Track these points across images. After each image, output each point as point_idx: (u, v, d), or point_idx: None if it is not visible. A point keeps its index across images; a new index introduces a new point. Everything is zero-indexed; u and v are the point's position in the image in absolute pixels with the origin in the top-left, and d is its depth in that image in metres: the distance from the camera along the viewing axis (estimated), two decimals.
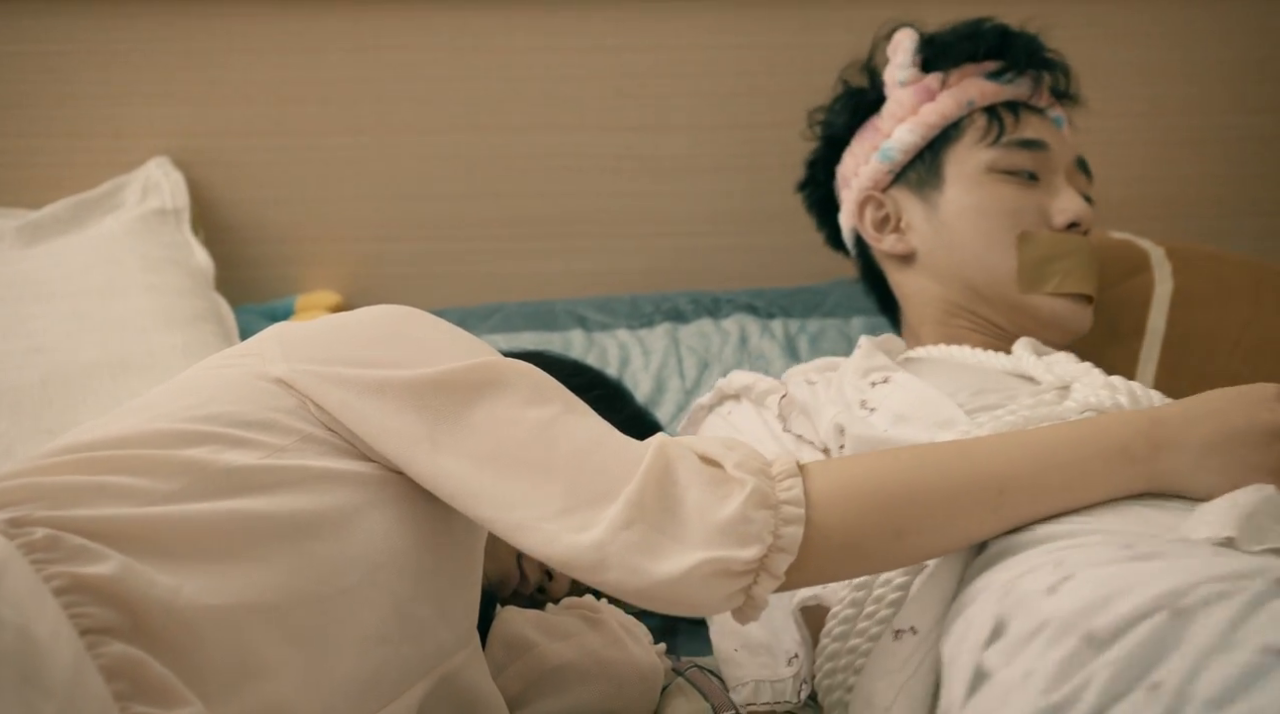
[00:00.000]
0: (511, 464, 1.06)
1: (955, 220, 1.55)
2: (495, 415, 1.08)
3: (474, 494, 1.06)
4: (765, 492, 1.01)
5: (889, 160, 1.60)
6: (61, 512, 1.00)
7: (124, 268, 1.79)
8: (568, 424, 1.07)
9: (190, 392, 1.18)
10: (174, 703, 0.97)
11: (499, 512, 1.05)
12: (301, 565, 1.08)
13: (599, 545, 1.00)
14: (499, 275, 2.08)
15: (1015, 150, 1.55)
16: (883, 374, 1.41)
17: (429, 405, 1.10)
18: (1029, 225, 1.52)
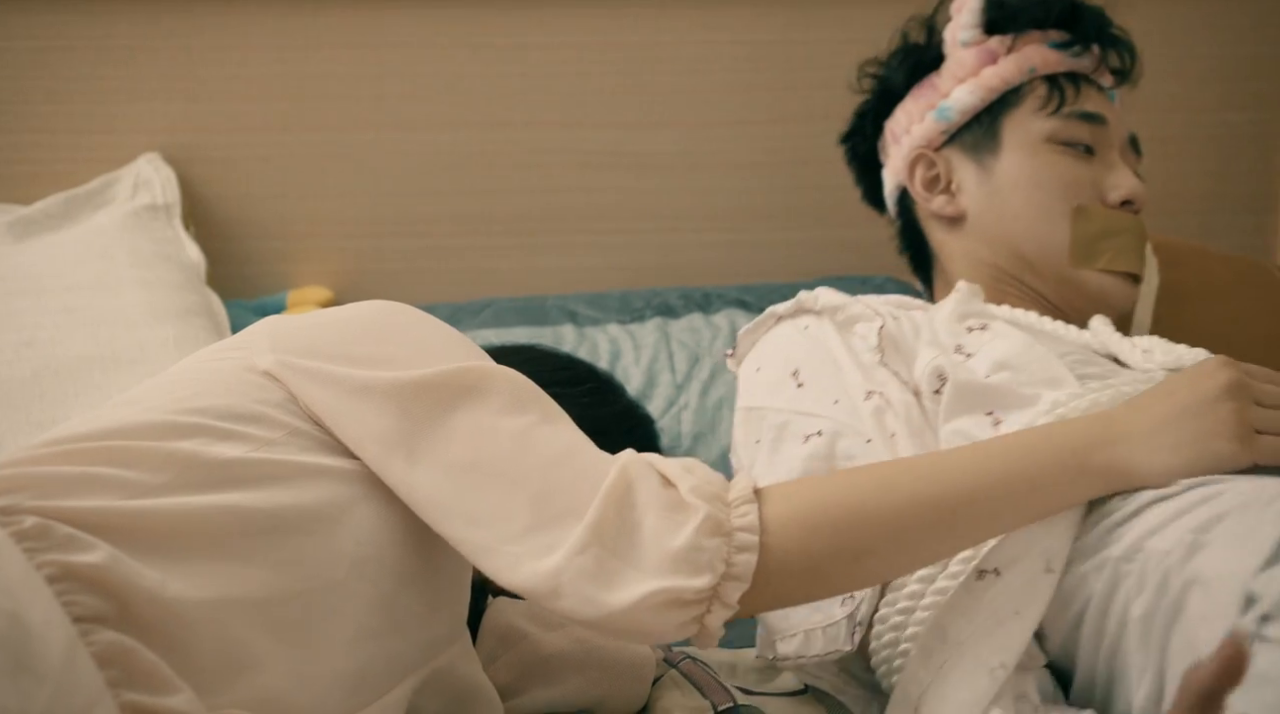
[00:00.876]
0: (482, 478, 1.06)
1: (1010, 187, 1.53)
2: (472, 423, 1.08)
3: (444, 509, 1.07)
4: (718, 519, 1.01)
5: (945, 120, 1.57)
6: (50, 502, 1.01)
7: (115, 263, 1.80)
8: (541, 435, 1.07)
9: (181, 384, 1.18)
10: (165, 690, 0.97)
11: (467, 530, 1.05)
12: (288, 561, 1.08)
13: (555, 573, 1.01)
14: (490, 271, 2.08)
15: (1075, 122, 1.52)
16: (980, 321, 1.39)
17: (409, 411, 1.10)
18: (1084, 199, 1.50)
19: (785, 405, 1.37)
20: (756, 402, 1.40)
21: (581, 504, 1.02)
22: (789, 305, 1.46)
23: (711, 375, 1.75)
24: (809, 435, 1.33)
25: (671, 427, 1.67)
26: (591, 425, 1.43)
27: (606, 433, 1.44)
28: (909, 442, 1.28)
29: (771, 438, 1.36)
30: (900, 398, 1.31)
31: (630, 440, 1.47)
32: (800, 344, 1.41)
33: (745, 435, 1.40)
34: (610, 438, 1.44)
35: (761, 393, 1.40)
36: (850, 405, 1.33)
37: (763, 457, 1.36)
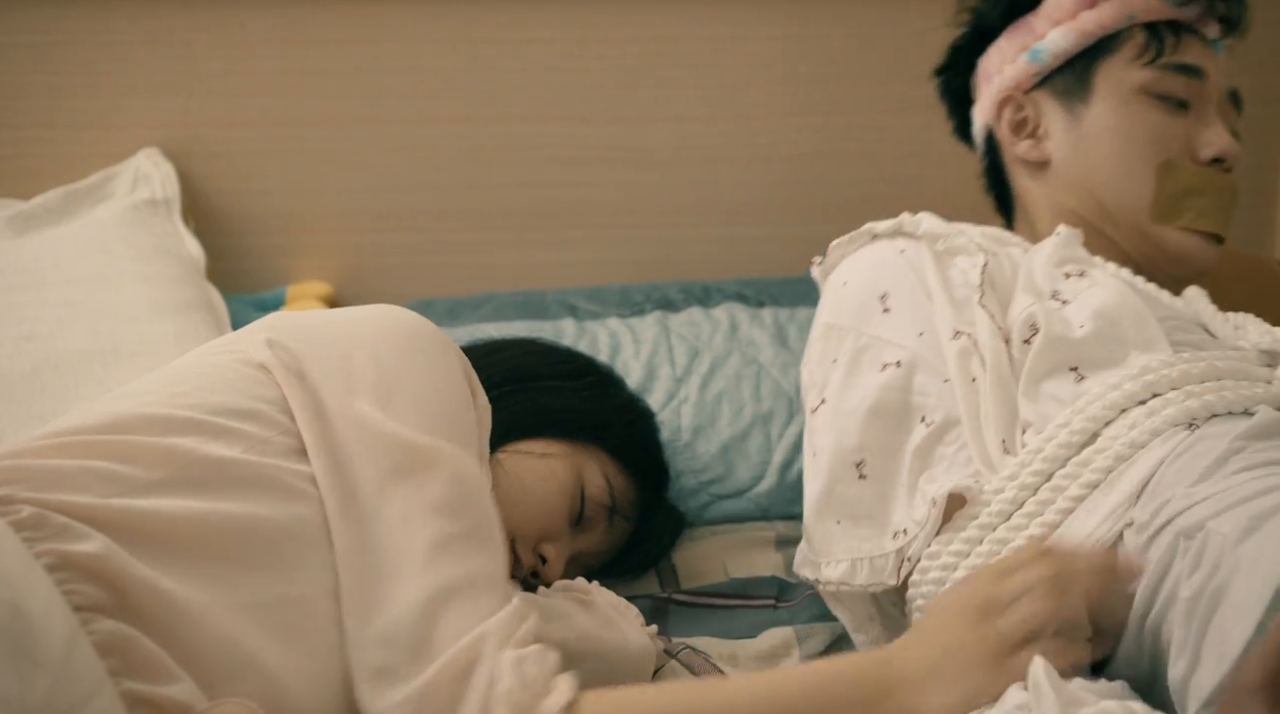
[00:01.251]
0: (386, 571, 1.08)
1: (1097, 137, 1.50)
2: (404, 510, 1.10)
3: (344, 581, 1.09)
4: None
5: (1038, 62, 1.53)
6: (44, 494, 1.01)
7: (115, 257, 1.79)
8: (455, 552, 1.09)
9: (180, 379, 1.18)
10: (166, 679, 0.97)
11: (349, 617, 1.08)
12: (284, 569, 1.09)
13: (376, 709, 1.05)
14: (489, 266, 2.08)
15: (1171, 75, 1.48)
16: (1079, 267, 1.37)
17: (364, 459, 1.12)
18: (1172, 154, 1.47)
19: (868, 328, 1.35)
20: (839, 320, 1.39)
21: (435, 650, 1.04)
22: (888, 224, 1.43)
23: (711, 369, 1.75)
24: (887, 364, 1.32)
25: (671, 420, 1.67)
26: (592, 418, 1.44)
27: (608, 426, 1.45)
28: (992, 391, 1.27)
29: (849, 360, 1.35)
30: (991, 344, 1.29)
31: (631, 433, 1.48)
32: (894, 267, 1.39)
33: (822, 351, 1.39)
34: (612, 431, 1.45)
35: (846, 311, 1.39)
36: (935, 341, 1.32)
37: (837, 378, 1.35)
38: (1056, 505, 1.20)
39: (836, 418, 1.33)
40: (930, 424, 1.29)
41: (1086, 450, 1.21)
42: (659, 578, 1.53)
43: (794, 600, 1.45)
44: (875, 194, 2.10)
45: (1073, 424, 1.23)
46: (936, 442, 1.28)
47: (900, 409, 1.31)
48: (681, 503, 1.60)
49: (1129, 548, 1.15)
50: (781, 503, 1.63)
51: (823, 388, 1.37)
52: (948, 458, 1.28)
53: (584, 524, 1.41)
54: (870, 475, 1.30)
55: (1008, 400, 1.27)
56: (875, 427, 1.31)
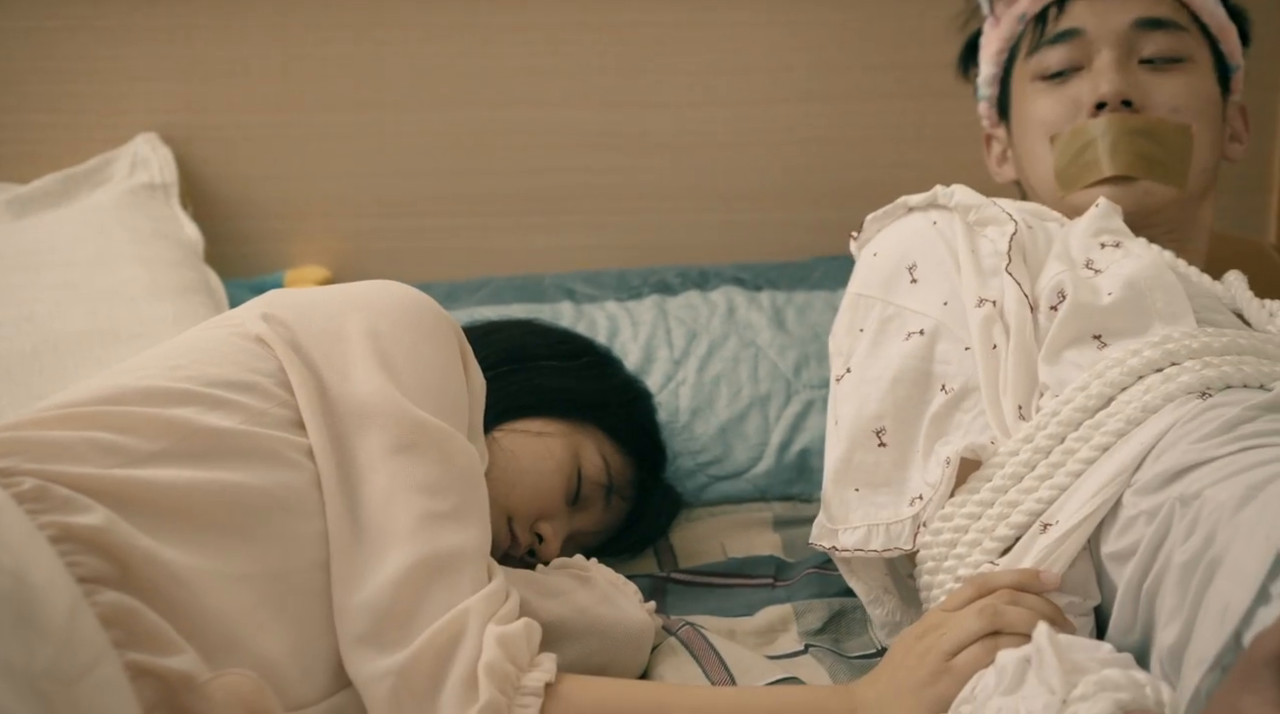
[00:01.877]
0: (371, 544, 1.11)
1: (1018, 143, 1.54)
2: (395, 483, 1.12)
3: (333, 551, 1.11)
4: (498, 706, 1.05)
5: (983, 99, 1.59)
6: (46, 465, 1.02)
7: (113, 240, 1.80)
8: (438, 529, 1.11)
9: (177, 353, 1.19)
10: (169, 650, 0.98)
11: (336, 585, 1.10)
12: (279, 538, 1.10)
13: (361, 684, 1.09)
14: (486, 251, 2.09)
15: (1046, 50, 1.49)
16: (1115, 238, 1.37)
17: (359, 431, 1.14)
18: (1063, 125, 1.47)
19: (895, 298, 1.36)
20: (867, 290, 1.39)
21: (418, 623, 1.07)
22: (923, 197, 1.44)
23: (709, 351, 1.75)
24: (911, 333, 1.33)
25: (669, 401, 1.68)
26: (590, 398, 1.45)
27: (606, 406, 1.46)
28: (1013, 357, 1.28)
29: (875, 330, 1.36)
30: (1016, 310, 1.30)
31: (629, 413, 1.48)
32: (924, 238, 1.39)
33: (850, 321, 1.40)
34: (610, 411, 1.46)
35: (874, 281, 1.40)
36: (959, 309, 1.33)
37: (863, 347, 1.36)
38: (1067, 468, 1.21)
39: (860, 386, 1.34)
40: (949, 392, 1.30)
41: (1100, 414, 1.22)
42: (657, 558, 1.54)
43: (792, 579, 1.46)
44: (872, 180, 2.10)
45: (1090, 388, 1.23)
46: (954, 409, 1.29)
47: (922, 377, 1.31)
48: (679, 484, 1.61)
49: (1126, 511, 1.16)
50: (779, 484, 1.64)
51: (848, 357, 1.38)
52: (964, 425, 1.28)
53: (581, 503, 1.41)
54: (890, 443, 1.31)
55: (1028, 367, 1.28)
56: (897, 395, 1.32)
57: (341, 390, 1.15)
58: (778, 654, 1.31)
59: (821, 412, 1.68)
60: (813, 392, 1.71)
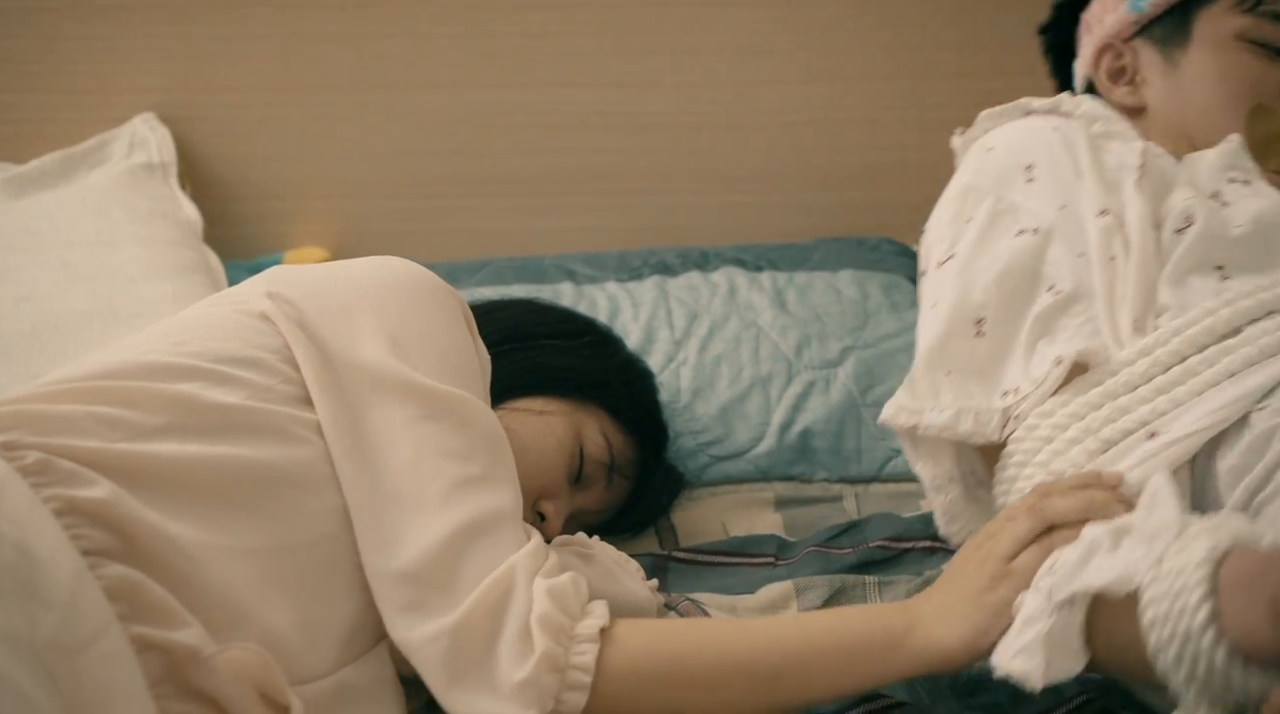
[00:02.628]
0: (403, 510, 1.10)
1: (1193, 83, 1.49)
2: (421, 451, 1.12)
3: (359, 520, 1.11)
4: (555, 656, 1.06)
5: (1137, 10, 1.53)
6: (50, 439, 1.02)
7: (112, 219, 1.80)
8: (471, 493, 1.11)
9: (180, 329, 1.19)
10: (175, 624, 0.98)
11: (368, 551, 1.10)
12: (284, 513, 1.10)
13: (413, 649, 1.08)
14: (486, 232, 2.09)
15: (1268, 22, 1.46)
16: (1245, 175, 1.36)
17: (372, 403, 1.13)
18: (1267, 99, 1.46)
19: (1008, 194, 1.34)
20: (980, 182, 1.38)
21: (462, 587, 1.07)
22: (1046, 101, 1.42)
23: (710, 332, 1.75)
24: (1023, 230, 1.31)
25: (670, 382, 1.67)
26: (592, 377, 1.45)
27: (607, 385, 1.45)
28: (1134, 272, 1.27)
29: (985, 222, 1.34)
30: (1139, 226, 1.28)
31: (630, 392, 1.48)
32: (1045, 139, 1.38)
33: (955, 212, 1.37)
34: (611, 390, 1.45)
35: (988, 174, 1.38)
36: (1076, 215, 1.31)
37: (971, 235, 1.34)
38: (1187, 386, 1.19)
39: (964, 273, 1.32)
40: (1058, 293, 1.28)
41: (1229, 341, 1.21)
42: (658, 537, 1.54)
43: (794, 557, 1.46)
44: (872, 162, 2.11)
45: (1220, 313, 1.22)
46: (1061, 312, 1.28)
47: (1030, 275, 1.29)
48: (680, 464, 1.61)
49: (1256, 428, 1.16)
50: (780, 464, 1.63)
51: (952, 243, 1.35)
52: (1071, 328, 1.27)
53: (583, 482, 1.41)
54: (988, 334, 1.29)
55: (1147, 283, 1.26)
56: (1003, 287, 1.30)
57: (351, 366, 1.14)
58: None
59: (823, 392, 1.68)
60: (814, 372, 1.71)
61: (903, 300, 1.83)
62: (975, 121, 1.44)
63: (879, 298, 1.82)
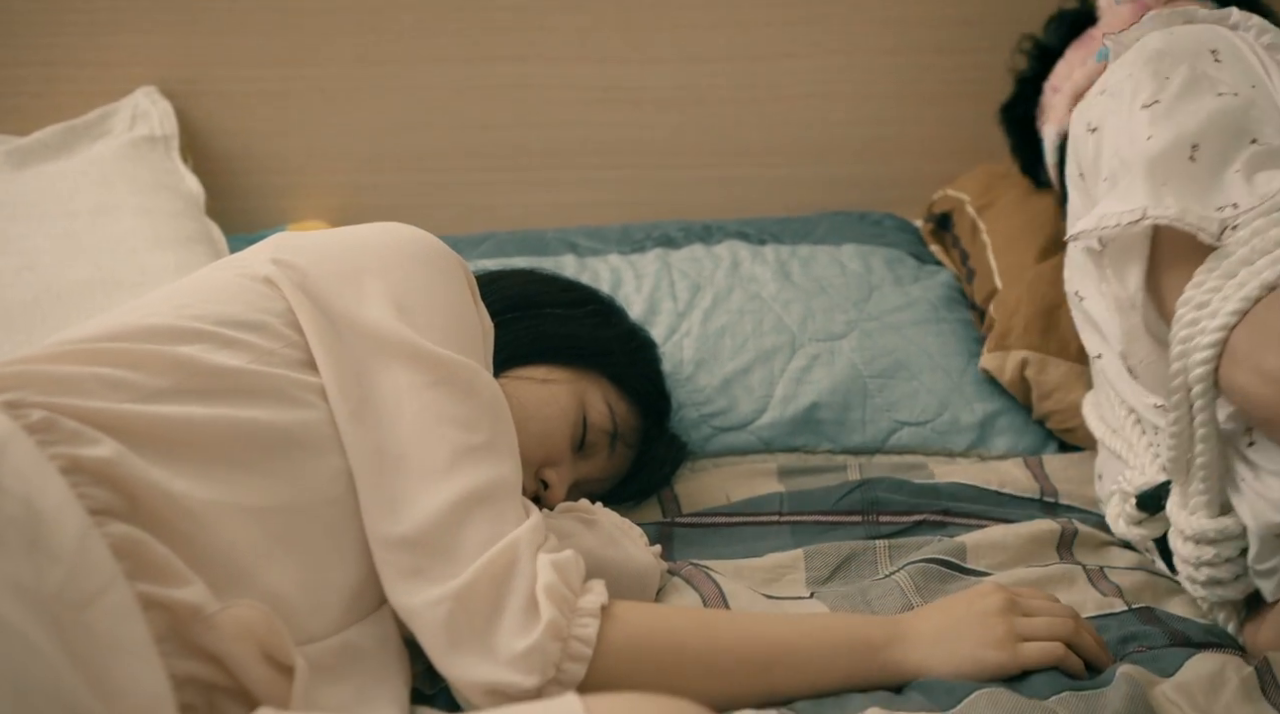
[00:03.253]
0: (406, 476, 1.11)
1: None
2: (425, 417, 1.12)
3: (363, 484, 1.12)
4: (559, 625, 1.07)
5: (1106, 60, 1.55)
6: (54, 399, 1.02)
7: (114, 191, 1.79)
8: (474, 462, 1.12)
9: (184, 293, 1.19)
10: (178, 582, 0.98)
11: (370, 515, 1.11)
12: (289, 475, 1.10)
13: (413, 613, 1.09)
14: (488, 206, 2.08)
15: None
16: None
17: (377, 367, 1.13)
18: None
19: (1200, 65, 1.34)
20: (1172, 49, 1.37)
21: (464, 555, 1.08)
22: (1212, 11, 1.44)
23: (713, 303, 1.75)
24: (1223, 93, 1.32)
25: (673, 353, 1.67)
26: (595, 345, 1.44)
27: (610, 353, 1.45)
28: None
29: (1185, 80, 1.33)
30: None
31: (634, 361, 1.48)
32: (1223, 35, 1.39)
33: (1153, 70, 1.35)
34: (615, 358, 1.45)
35: (1177, 46, 1.37)
36: (1268, 95, 1.33)
37: (1174, 88, 1.33)
38: None
39: (1173, 113, 1.32)
40: (1266, 145, 1.29)
41: None
42: (661, 507, 1.53)
43: (798, 513, 1.46)
44: (873, 136, 2.10)
45: None
46: (1272, 159, 1.28)
47: (1235, 129, 1.30)
48: (683, 435, 1.60)
49: None
50: (783, 436, 1.63)
51: (1156, 91, 1.34)
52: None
53: (586, 450, 1.41)
54: (1201, 160, 1.29)
55: None
56: (1214, 123, 1.30)
57: (355, 330, 1.15)
58: (782, 596, 1.31)
59: (827, 365, 1.68)
60: (818, 345, 1.70)
61: (906, 274, 1.83)
62: (1128, 30, 1.45)
63: (882, 271, 1.82)
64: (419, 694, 1.16)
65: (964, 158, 2.02)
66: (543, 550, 1.11)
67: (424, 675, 1.18)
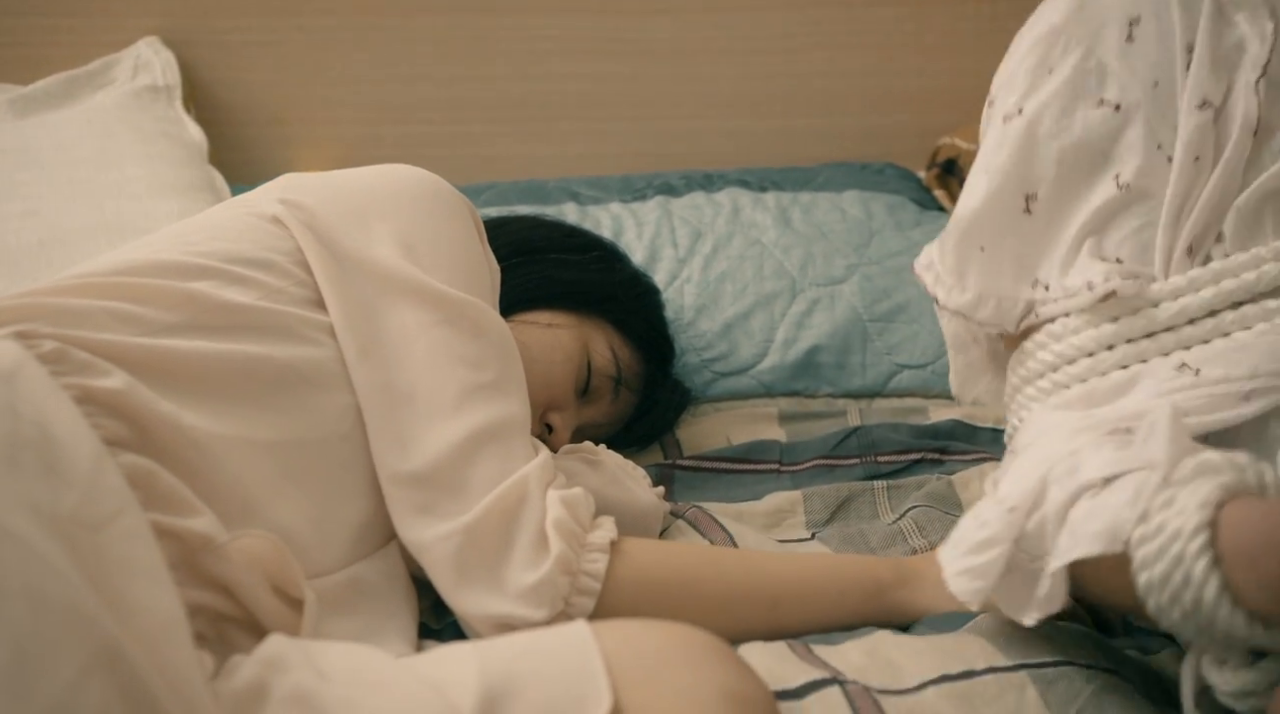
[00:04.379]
0: (416, 413, 1.12)
1: None
2: (435, 354, 1.13)
3: (372, 421, 1.12)
4: (569, 559, 1.08)
5: None
6: (65, 330, 1.02)
7: (117, 139, 1.79)
8: (483, 400, 1.13)
9: (193, 230, 1.20)
10: (188, 512, 0.99)
11: (380, 452, 1.12)
12: (298, 410, 1.10)
13: (423, 548, 1.10)
14: (489, 158, 2.08)
15: None
16: None
17: (386, 305, 1.14)
18: None
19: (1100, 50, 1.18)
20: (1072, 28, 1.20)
21: (474, 491, 1.09)
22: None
23: (714, 250, 1.75)
24: (1104, 101, 1.18)
25: (675, 299, 1.68)
26: (599, 291, 1.45)
27: (614, 299, 1.46)
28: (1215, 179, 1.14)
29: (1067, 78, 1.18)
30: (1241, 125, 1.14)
31: (637, 306, 1.49)
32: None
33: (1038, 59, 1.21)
34: (619, 304, 1.46)
35: (1084, 21, 1.20)
36: (1169, 97, 1.16)
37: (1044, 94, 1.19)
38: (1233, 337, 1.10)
39: (1026, 137, 1.19)
40: (1123, 187, 1.16)
41: (1269, 302, 1.10)
42: (663, 451, 1.54)
43: (797, 463, 1.47)
44: (874, 86, 2.10)
45: (1266, 268, 1.10)
46: (1121, 209, 1.16)
47: (1099, 157, 1.17)
48: (685, 380, 1.61)
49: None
50: (784, 380, 1.64)
51: (1024, 96, 1.20)
52: (1125, 230, 1.16)
53: (590, 395, 1.42)
54: (1037, 214, 1.18)
55: (1223, 198, 1.13)
56: (1062, 166, 1.17)
57: (364, 269, 1.15)
58: (784, 539, 1.33)
59: (827, 310, 1.69)
60: (818, 289, 1.71)
61: (907, 219, 1.83)
62: None
63: (884, 217, 1.83)
64: (426, 629, 1.17)
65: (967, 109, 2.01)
66: (552, 487, 1.12)
67: (431, 610, 1.18)
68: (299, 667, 0.91)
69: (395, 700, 0.88)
